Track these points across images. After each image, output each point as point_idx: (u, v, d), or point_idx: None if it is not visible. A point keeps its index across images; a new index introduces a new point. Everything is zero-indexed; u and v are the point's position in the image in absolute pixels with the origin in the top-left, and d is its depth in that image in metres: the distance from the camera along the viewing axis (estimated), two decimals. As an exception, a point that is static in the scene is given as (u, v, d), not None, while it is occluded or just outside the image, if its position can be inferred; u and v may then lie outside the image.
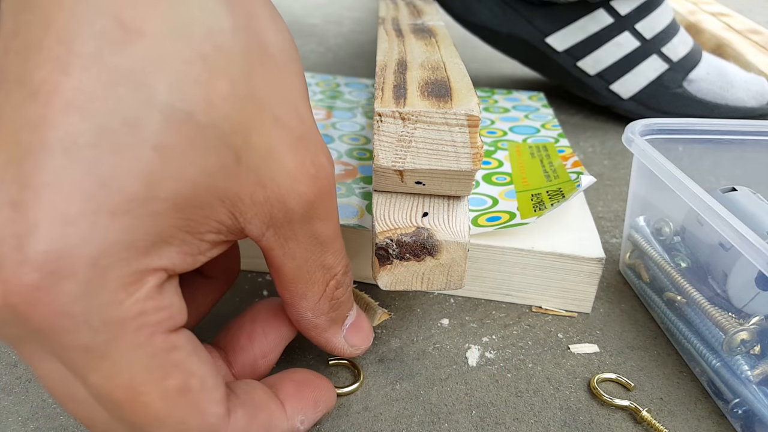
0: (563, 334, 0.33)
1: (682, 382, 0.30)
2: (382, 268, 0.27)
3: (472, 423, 0.27)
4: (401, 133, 0.25)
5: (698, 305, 0.30)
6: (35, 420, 0.26)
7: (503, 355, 0.31)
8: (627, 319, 0.35)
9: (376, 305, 0.34)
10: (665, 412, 0.28)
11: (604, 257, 0.33)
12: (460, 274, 0.27)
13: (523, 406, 0.28)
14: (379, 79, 0.28)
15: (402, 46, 0.34)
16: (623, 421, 0.28)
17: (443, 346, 0.32)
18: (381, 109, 0.24)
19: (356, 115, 0.51)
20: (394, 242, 0.26)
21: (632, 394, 0.29)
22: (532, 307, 0.35)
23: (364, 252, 0.35)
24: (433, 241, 0.26)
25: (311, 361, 0.30)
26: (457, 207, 0.28)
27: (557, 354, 0.32)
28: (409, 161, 0.25)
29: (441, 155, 0.25)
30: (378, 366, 0.30)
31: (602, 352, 0.32)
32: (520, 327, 0.33)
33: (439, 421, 0.27)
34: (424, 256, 0.26)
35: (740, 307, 0.28)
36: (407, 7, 0.48)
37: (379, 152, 0.25)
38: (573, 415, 0.28)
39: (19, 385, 0.27)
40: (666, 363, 0.31)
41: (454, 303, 0.35)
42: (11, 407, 0.26)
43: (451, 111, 0.24)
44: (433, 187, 0.27)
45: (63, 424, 0.26)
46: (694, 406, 0.29)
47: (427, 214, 0.27)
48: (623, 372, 0.31)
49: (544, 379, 0.30)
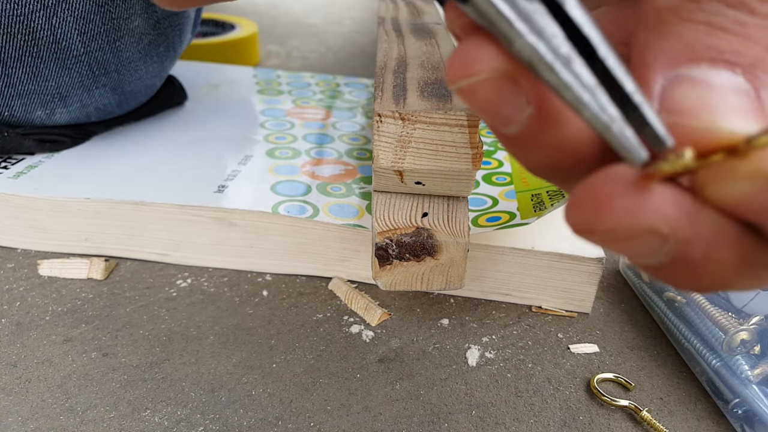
0: (563, 334, 0.33)
1: (681, 382, 0.30)
2: (382, 269, 0.27)
3: (472, 423, 0.27)
4: (401, 133, 0.25)
5: (698, 305, 0.30)
6: (35, 420, 0.26)
7: (503, 355, 0.31)
8: (627, 319, 0.35)
9: (376, 305, 0.34)
10: (665, 411, 0.28)
11: (604, 257, 0.33)
12: (460, 275, 0.27)
13: (523, 406, 0.28)
14: (378, 79, 0.28)
15: (402, 46, 0.34)
16: (623, 421, 0.28)
17: (443, 346, 0.32)
18: (381, 110, 0.24)
19: (356, 115, 0.51)
20: (394, 242, 0.26)
21: (632, 394, 0.29)
22: (532, 307, 0.35)
23: (364, 252, 0.35)
24: (432, 241, 0.26)
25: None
26: (457, 207, 0.28)
27: (557, 354, 0.32)
28: (408, 161, 0.25)
29: (441, 155, 0.25)
30: (378, 366, 0.30)
31: (602, 352, 0.32)
32: (520, 327, 0.33)
33: (439, 421, 0.27)
34: (424, 257, 0.26)
35: (740, 307, 0.28)
36: (407, 7, 0.48)
37: (379, 152, 0.25)
38: (573, 415, 0.28)
39: (19, 385, 0.27)
40: (666, 363, 0.31)
41: (454, 303, 0.35)
42: (11, 407, 0.26)
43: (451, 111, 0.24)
44: (433, 187, 0.27)
45: (63, 424, 0.26)
46: (693, 406, 0.29)
47: (427, 214, 0.27)
48: (623, 372, 0.31)
49: (544, 379, 0.30)
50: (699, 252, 0.11)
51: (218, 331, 0.31)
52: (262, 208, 0.35)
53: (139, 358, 0.29)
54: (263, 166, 0.41)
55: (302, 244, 0.35)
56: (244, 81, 0.58)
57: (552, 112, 0.12)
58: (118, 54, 0.40)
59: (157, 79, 0.45)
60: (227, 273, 0.36)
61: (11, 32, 0.34)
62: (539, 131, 0.12)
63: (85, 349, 0.30)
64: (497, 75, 0.11)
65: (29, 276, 0.34)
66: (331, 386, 0.29)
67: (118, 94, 0.42)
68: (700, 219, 0.11)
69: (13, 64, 0.36)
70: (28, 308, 0.32)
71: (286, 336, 0.32)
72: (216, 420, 0.26)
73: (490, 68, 0.11)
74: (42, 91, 0.38)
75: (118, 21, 0.38)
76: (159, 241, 0.36)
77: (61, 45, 0.36)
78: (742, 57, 0.11)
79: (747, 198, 0.10)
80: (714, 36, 0.11)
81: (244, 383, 0.28)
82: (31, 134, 0.39)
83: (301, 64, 0.77)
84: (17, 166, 0.38)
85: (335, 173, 0.40)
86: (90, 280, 0.34)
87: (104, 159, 0.40)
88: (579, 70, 0.11)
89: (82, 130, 0.42)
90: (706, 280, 0.12)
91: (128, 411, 0.26)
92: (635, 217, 0.11)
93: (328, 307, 0.34)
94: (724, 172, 0.11)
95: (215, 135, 0.45)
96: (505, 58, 0.11)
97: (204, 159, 0.41)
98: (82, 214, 0.35)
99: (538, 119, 0.12)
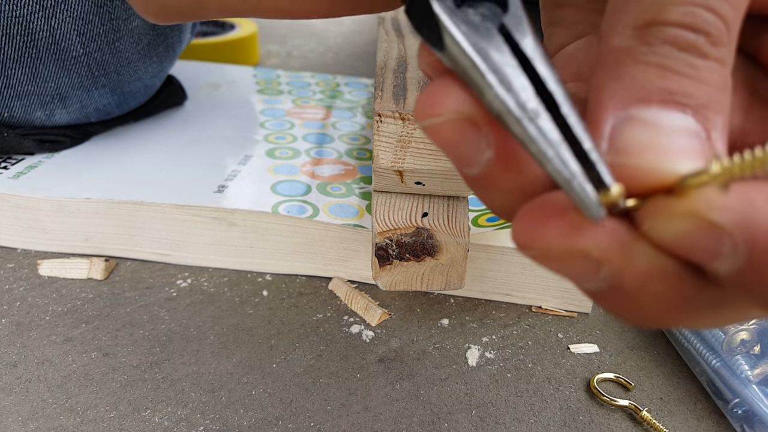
0: (563, 334, 0.33)
1: (681, 382, 0.30)
2: (382, 269, 0.27)
3: (472, 423, 0.27)
4: (401, 133, 0.25)
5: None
6: (35, 420, 0.26)
7: (503, 355, 0.31)
8: (627, 319, 0.35)
9: (376, 305, 0.34)
10: (665, 411, 0.28)
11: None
12: (460, 275, 0.27)
13: (523, 406, 0.28)
14: (378, 79, 0.28)
15: (402, 46, 0.34)
16: (623, 421, 0.28)
17: (443, 346, 0.32)
18: (381, 110, 0.24)
19: (356, 115, 0.51)
20: (394, 242, 0.26)
21: (632, 393, 0.29)
22: (532, 307, 0.35)
23: (364, 252, 0.35)
24: (432, 241, 0.26)
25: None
26: (457, 207, 0.28)
27: (557, 354, 0.32)
28: (409, 161, 0.25)
29: (441, 155, 0.25)
30: (378, 366, 0.30)
31: (602, 352, 0.32)
32: (520, 327, 0.33)
33: (439, 421, 0.27)
34: (424, 257, 0.26)
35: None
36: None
37: (379, 152, 0.25)
38: (573, 415, 0.28)
39: (19, 385, 0.27)
40: (666, 363, 0.32)
41: (454, 303, 0.35)
42: (11, 407, 0.26)
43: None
44: (433, 187, 0.27)
45: (63, 424, 0.26)
46: (693, 406, 0.29)
47: (427, 215, 0.27)
48: (623, 372, 0.31)
49: (544, 379, 0.30)
50: (633, 282, 0.12)
51: (218, 331, 0.31)
52: (262, 208, 0.35)
53: (139, 358, 0.29)
54: (263, 166, 0.41)
55: (302, 244, 0.35)
56: (244, 81, 0.58)
57: (511, 156, 0.12)
58: (117, 55, 0.39)
59: (156, 80, 0.45)
60: (227, 273, 0.36)
61: (10, 33, 0.34)
62: (498, 174, 0.13)
63: (86, 349, 0.30)
64: (459, 118, 0.12)
65: (29, 276, 0.34)
66: (331, 386, 0.29)
67: (118, 94, 0.42)
68: (634, 251, 0.11)
69: (13, 65, 0.36)
70: (29, 308, 0.32)
71: (286, 336, 0.32)
72: (216, 420, 0.26)
73: (452, 111, 0.12)
74: (41, 91, 0.38)
75: (117, 22, 0.38)
76: (159, 241, 0.36)
77: (61, 46, 0.36)
78: (693, 98, 0.11)
79: (680, 237, 0.11)
80: (665, 78, 0.11)
81: (244, 383, 0.28)
82: (30, 134, 0.39)
83: (301, 64, 0.77)
84: (17, 166, 0.38)
85: (335, 173, 0.40)
86: (90, 280, 0.34)
87: (104, 159, 0.40)
88: (545, 125, 0.11)
89: (81, 130, 0.42)
90: (644, 312, 0.12)
91: (128, 411, 0.26)
92: (567, 239, 0.12)
93: (328, 307, 0.34)
94: (660, 210, 0.11)
95: (215, 135, 0.45)
96: (469, 102, 0.12)
97: (204, 159, 0.41)
98: (82, 214, 0.35)
99: (498, 162, 0.12)
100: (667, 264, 0.11)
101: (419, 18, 0.12)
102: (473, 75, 0.11)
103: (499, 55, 0.11)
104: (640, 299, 0.12)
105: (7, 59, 0.35)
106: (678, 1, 0.11)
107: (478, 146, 0.12)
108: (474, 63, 0.11)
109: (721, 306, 0.12)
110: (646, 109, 0.12)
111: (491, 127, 0.12)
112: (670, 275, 0.11)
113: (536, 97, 0.11)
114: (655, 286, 0.12)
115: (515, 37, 0.12)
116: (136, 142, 0.43)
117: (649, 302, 0.12)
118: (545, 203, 0.12)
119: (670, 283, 0.12)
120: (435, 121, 0.12)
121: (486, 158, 0.13)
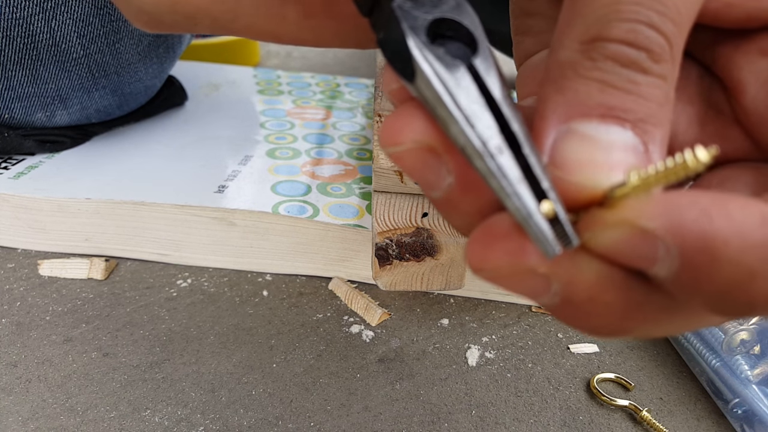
0: (563, 334, 0.33)
1: (681, 382, 0.30)
2: (382, 269, 0.27)
3: (472, 423, 0.27)
4: (401, 133, 0.25)
5: (698, 305, 0.30)
6: (35, 420, 0.26)
7: (503, 355, 0.31)
8: (627, 319, 0.35)
9: (376, 305, 0.34)
10: (665, 411, 0.28)
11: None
12: (460, 275, 0.27)
13: (523, 405, 0.28)
14: (379, 79, 0.28)
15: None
16: (623, 421, 0.28)
17: (443, 346, 0.32)
18: (381, 110, 0.24)
19: (356, 115, 0.51)
20: (394, 242, 0.26)
21: (632, 393, 0.29)
22: (532, 307, 0.35)
23: (364, 252, 0.35)
24: (432, 241, 0.26)
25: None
26: (457, 207, 0.28)
27: (557, 354, 0.32)
28: (408, 161, 0.25)
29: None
30: (378, 366, 0.30)
31: (602, 351, 0.32)
32: (519, 327, 0.34)
33: (439, 421, 0.27)
34: (424, 257, 0.27)
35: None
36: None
37: (379, 153, 0.25)
38: (573, 415, 0.28)
39: (19, 385, 0.27)
40: (666, 363, 0.32)
41: (454, 303, 0.35)
42: (11, 407, 0.26)
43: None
44: (433, 188, 0.27)
45: (63, 424, 0.26)
46: (693, 406, 0.29)
47: (427, 214, 0.27)
48: (623, 372, 0.31)
49: (544, 379, 0.30)
50: (584, 294, 0.12)
51: (218, 331, 0.32)
52: (262, 208, 0.35)
53: (140, 358, 0.29)
54: (263, 166, 0.41)
55: (302, 244, 0.35)
56: (244, 81, 0.58)
57: (470, 183, 0.13)
58: (117, 56, 0.40)
59: (156, 80, 0.45)
60: (227, 273, 0.36)
61: (11, 35, 0.34)
62: (458, 197, 0.13)
63: (86, 349, 0.30)
64: (420, 147, 0.12)
65: (29, 276, 0.34)
66: (331, 386, 0.29)
67: (118, 95, 0.42)
68: (579, 263, 0.12)
69: (13, 67, 0.36)
70: (29, 308, 0.32)
71: (286, 336, 0.32)
72: (216, 420, 0.26)
73: (414, 140, 0.12)
74: (42, 93, 0.38)
75: (117, 23, 0.38)
76: (159, 241, 0.36)
77: (61, 48, 0.36)
78: (632, 113, 0.12)
79: (616, 245, 0.11)
80: (606, 93, 0.12)
81: (244, 383, 0.28)
82: (31, 135, 0.39)
83: (301, 64, 0.77)
84: (18, 166, 0.38)
85: (335, 173, 0.40)
86: (90, 280, 0.35)
87: (104, 159, 0.40)
88: (506, 162, 0.11)
89: (82, 130, 0.42)
90: (600, 322, 0.12)
91: (128, 411, 0.26)
92: (513, 258, 0.12)
93: (328, 307, 0.34)
94: (594, 221, 0.11)
95: (215, 135, 0.45)
96: (430, 131, 0.12)
97: (204, 159, 0.41)
98: (83, 214, 0.35)
99: (458, 188, 0.13)
100: (613, 273, 0.12)
101: (392, 49, 0.12)
102: (440, 109, 0.12)
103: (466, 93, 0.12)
104: (593, 310, 0.12)
105: (7, 61, 0.35)
106: (622, 17, 0.12)
107: (439, 173, 0.13)
108: (441, 98, 0.11)
109: (674, 311, 0.12)
110: (586, 123, 0.12)
111: (451, 156, 0.13)
112: (617, 284, 0.12)
113: (500, 134, 0.11)
114: (605, 296, 0.12)
115: (483, 78, 0.12)
116: (136, 143, 0.43)
117: (603, 312, 0.12)
118: (491, 227, 0.12)
119: (620, 292, 0.12)
120: (398, 150, 0.13)
121: (447, 183, 0.13)
